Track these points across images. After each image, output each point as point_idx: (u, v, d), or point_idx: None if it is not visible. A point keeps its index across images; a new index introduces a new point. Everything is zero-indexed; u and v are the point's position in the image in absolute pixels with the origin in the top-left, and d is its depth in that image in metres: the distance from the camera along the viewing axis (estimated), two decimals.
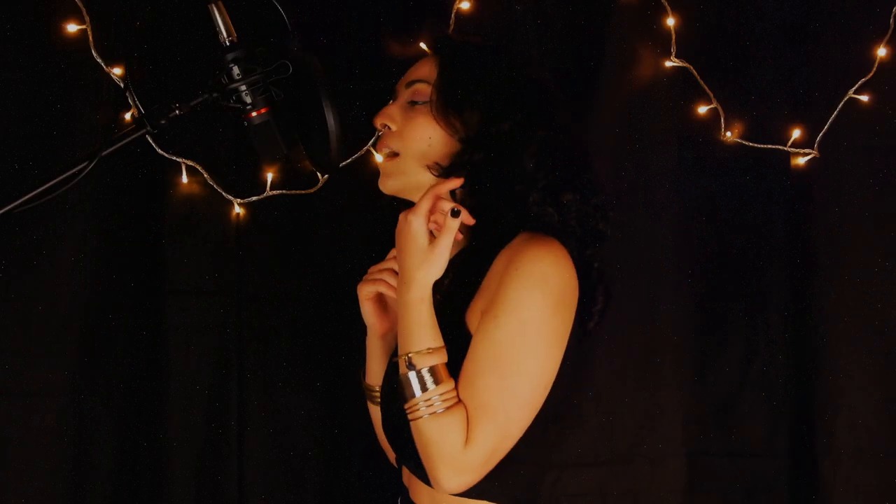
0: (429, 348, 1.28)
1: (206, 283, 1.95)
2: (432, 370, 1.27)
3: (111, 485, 1.90)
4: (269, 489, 1.96)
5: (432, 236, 1.32)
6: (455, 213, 1.30)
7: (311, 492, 1.98)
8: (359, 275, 1.98)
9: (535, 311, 1.27)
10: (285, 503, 1.97)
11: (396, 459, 1.52)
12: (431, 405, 1.26)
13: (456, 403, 1.27)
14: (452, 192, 1.40)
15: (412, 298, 1.30)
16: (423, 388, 1.27)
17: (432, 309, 1.30)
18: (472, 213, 1.37)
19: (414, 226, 1.31)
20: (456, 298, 1.38)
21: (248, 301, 1.95)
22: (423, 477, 1.35)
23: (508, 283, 1.28)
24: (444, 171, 1.41)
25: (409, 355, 1.28)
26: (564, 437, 1.96)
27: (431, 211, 1.32)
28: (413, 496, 1.45)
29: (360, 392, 1.65)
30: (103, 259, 1.89)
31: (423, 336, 1.29)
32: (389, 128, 1.46)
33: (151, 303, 1.94)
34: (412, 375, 1.28)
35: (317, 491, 1.98)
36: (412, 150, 1.43)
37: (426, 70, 1.46)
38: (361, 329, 1.63)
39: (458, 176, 1.38)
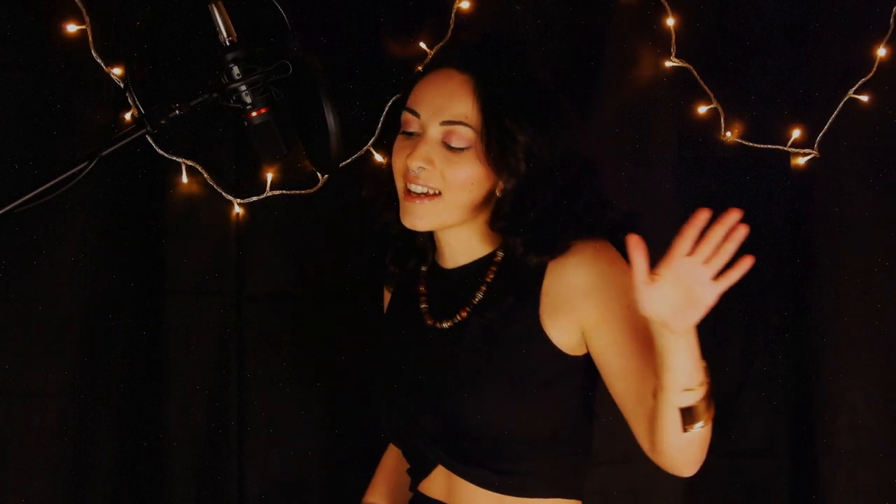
0: (706, 374, 1.24)
1: (206, 283, 1.95)
2: (706, 400, 1.24)
3: (111, 485, 1.91)
4: (269, 489, 1.97)
5: None
6: None
7: (311, 492, 1.98)
8: (359, 275, 1.98)
9: (629, 296, 1.28)
10: (285, 503, 1.97)
11: (414, 471, 1.51)
12: (696, 430, 1.24)
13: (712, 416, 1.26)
14: (490, 226, 1.40)
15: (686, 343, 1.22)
16: (701, 420, 1.23)
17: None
18: (512, 245, 1.40)
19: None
20: (513, 314, 1.38)
21: (248, 301, 1.95)
22: (481, 479, 1.38)
23: (615, 288, 1.32)
24: (491, 222, 1.40)
25: (693, 390, 1.22)
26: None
27: None
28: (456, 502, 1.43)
29: (360, 391, 1.65)
30: (103, 259, 1.89)
31: (696, 369, 1.22)
32: (425, 169, 1.37)
33: (151, 303, 1.94)
34: (687, 412, 1.22)
35: (317, 491, 1.98)
36: (456, 195, 1.36)
37: (464, 107, 1.35)
38: (360, 328, 1.62)
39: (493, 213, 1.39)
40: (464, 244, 1.46)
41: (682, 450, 1.27)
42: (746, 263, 1.18)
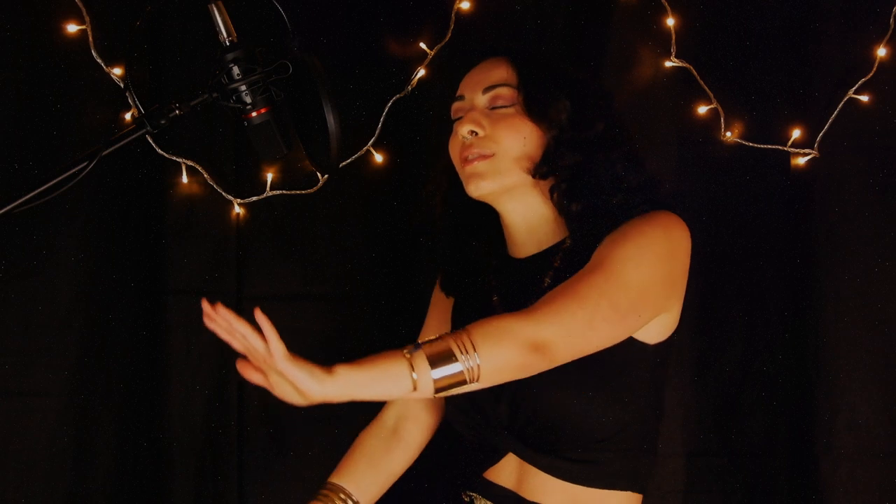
0: (406, 355, 1.18)
1: (206, 283, 1.95)
2: (432, 358, 1.18)
3: (111, 485, 1.90)
4: (269, 489, 1.97)
5: None
6: None
7: (311, 491, 1.98)
8: (359, 275, 1.98)
9: (653, 244, 1.33)
10: (285, 503, 1.97)
11: (481, 459, 1.51)
12: (472, 366, 1.18)
13: (471, 335, 1.20)
14: (551, 196, 1.44)
15: (342, 390, 1.19)
16: (458, 373, 1.18)
17: (358, 368, 1.18)
18: (572, 216, 1.42)
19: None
20: None
21: (248, 301, 1.95)
22: (555, 467, 1.39)
23: (631, 224, 1.35)
24: (537, 170, 1.43)
25: (416, 382, 1.18)
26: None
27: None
28: (531, 496, 1.43)
29: None
30: (103, 259, 1.89)
31: (387, 375, 1.17)
32: (477, 133, 1.44)
33: (151, 303, 1.94)
34: (441, 381, 1.19)
35: (317, 491, 1.98)
36: (509, 150, 1.43)
37: (502, 74, 1.46)
38: (362, 328, 1.63)
39: (553, 177, 1.42)
40: (533, 230, 1.49)
41: (492, 377, 1.22)
42: (262, 322, 1.17)
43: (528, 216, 1.48)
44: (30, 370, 1.86)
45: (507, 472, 1.47)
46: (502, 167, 1.43)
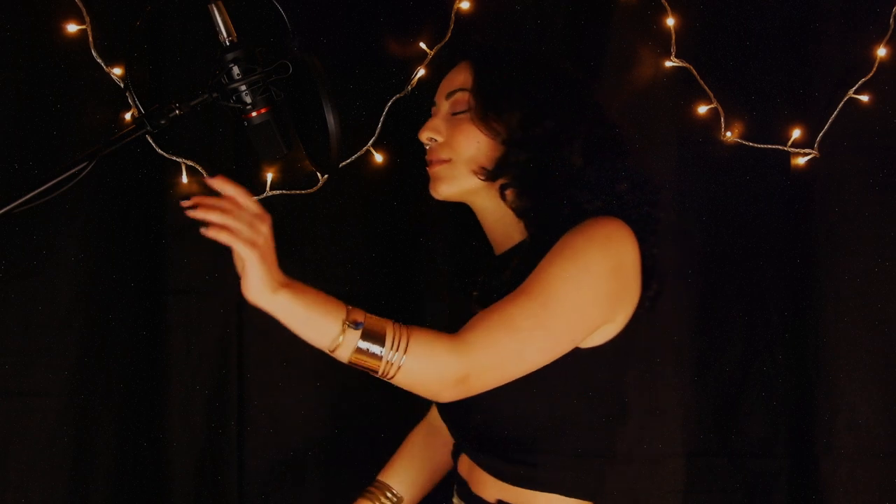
0: (344, 322, 1.22)
1: (206, 283, 1.94)
2: (367, 335, 1.22)
3: (111, 485, 1.91)
4: (269, 489, 1.97)
5: None
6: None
7: (311, 492, 1.98)
8: (359, 275, 1.98)
9: (593, 263, 1.30)
10: (285, 503, 1.97)
11: (453, 451, 1.56)
12: (392, 363, 1.21)
13: (410, 336, 1.23)
14: (502, 195, 1.44)
15: (272, 309, 1.25)
16: (377, 356, 1.22)
17: (298, 301, 1.26)
18: (524, 213, 1.42)
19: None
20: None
21: (248, 301, 1.95)
22: (488, 465, 1.40)
23: (572, 238, 1.32)
24: (488, 174, 1.44)
25: (338, 345, 1.22)
26: (637, 431, 1.96)
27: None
28: (475, 488, 1.45)
29: (361, 391, 1.65)
30: (103, 259, 1.89)
31: (316, 326, 1.24)
32: (436, 140, 1.48)
33: (151, 303, 1.94)
34: (360, 354, 1.22)
35: (317, 491, 1.98)
36: (462, 156, 1.45)
37: (462, 78, 1.49)
38: None
39: (504, 178, 1.43)
40: (503, 229, 1.50)
41: (403, 384, 1.25)
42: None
43: (496, 216, 1.50)
44: (30, 370, 1.86)
45: (466, 461, 1.51)
46: (458, 172, 1.46)
